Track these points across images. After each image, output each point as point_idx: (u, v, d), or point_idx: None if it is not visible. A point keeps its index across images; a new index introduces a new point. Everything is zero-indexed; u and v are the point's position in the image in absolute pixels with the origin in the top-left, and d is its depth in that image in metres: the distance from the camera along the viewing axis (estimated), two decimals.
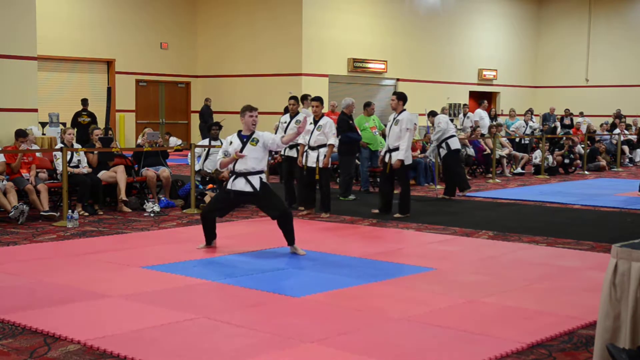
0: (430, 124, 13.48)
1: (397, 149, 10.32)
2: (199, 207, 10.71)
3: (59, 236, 8.72)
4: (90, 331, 4.95)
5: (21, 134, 10.46)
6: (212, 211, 8.04)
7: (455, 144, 12.81)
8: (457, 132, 13.37)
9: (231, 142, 7.97)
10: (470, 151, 16.46)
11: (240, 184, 7.85)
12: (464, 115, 22.09)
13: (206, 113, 22.40)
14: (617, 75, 29.75)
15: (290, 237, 7.77)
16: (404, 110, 10.53)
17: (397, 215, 10.44)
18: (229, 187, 7.96)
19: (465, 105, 23.95)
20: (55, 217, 9.67)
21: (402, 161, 10.28)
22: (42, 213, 9.78)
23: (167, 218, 10.22)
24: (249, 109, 7.98)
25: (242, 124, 8.00)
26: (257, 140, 7.92)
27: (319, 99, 10.71)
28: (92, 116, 18.96)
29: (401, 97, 10.69)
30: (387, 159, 10.48)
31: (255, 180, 7.83)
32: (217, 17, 24.98)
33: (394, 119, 10.50)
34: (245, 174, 7.83)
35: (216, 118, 22.10)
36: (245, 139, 7.93)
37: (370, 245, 8.34)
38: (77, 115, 18.86)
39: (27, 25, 16.16)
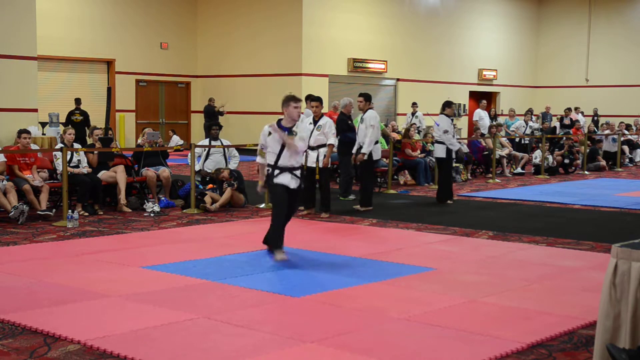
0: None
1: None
2: (199, 207, 10.72)
3: (58, 236, 8.72)
4: (90, 331, 4.96)
5: (24, 131, 10.44)
6: (283, 211, 7.53)
7: (436, 152, 12.34)
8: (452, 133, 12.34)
9: (270, 134, 7.47)
10: (465, 148, 16.34)
11: (286, 179, 7.46)
12: (412, 114, 21.03)
13: (210, 112, 22.40)
14: (617, 75, 29.76)
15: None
16: (370, 108, 11.15)
17: (357, 207, 10.93)
18: (276, 181, 7.47)
19: (414, 104, 22.04)
20: (51, 217, 9.66)
21: (365, 155, 10.80)
22: (39, 212, 9.77)
23: (167, 218, 10.22)
24: (293, 99, 7.49)
25: (285, 115, 7.53)
26: (296, 133, 7.45)
27: (318, 100, 10.72)
28: (84, 114, 19.39)
29: (367, 98, 11.28)
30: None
31: (299, 174, 7.54)
32: (217, 17, 24.99)
33: (361, 118, 11.10)
34: (290, 169, 7.48)
35: (221, 118, 22.11)
36: (287, 131, 7.42)
37: (370, 245, 8.34)
38: (71, 114, 19.38)
39: (27, 25, 16.18)
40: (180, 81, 25.44)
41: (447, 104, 12.44)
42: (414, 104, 21.56)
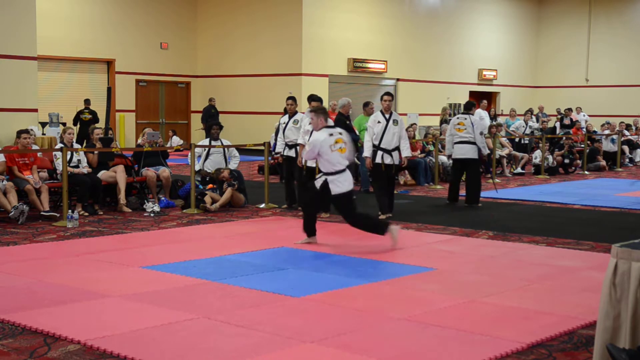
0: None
1: (396, 149, 10.33)
2: (199, 207, 10.72)
3: (59, 236, 8.72)
4: (90, 331, 4.96)
5: (24, 131, 10.43)
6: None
7: (466, 152, 11.79)
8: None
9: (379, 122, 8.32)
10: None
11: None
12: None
13: (207, 114, 22.39)
14: (617, 75, 29.75)
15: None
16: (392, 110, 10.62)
17: (389, 215, 10.53)
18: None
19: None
20: (56, 218, 9.66)
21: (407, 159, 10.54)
22: (42, 213, 9.77)
23: (167, 218, 10.22)
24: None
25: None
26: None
27: (319, 100, 10.71)
28: (93, 113, 19.88)
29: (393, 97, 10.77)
30: (388, 160, 10.30)
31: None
32: (217, 17, 24.99)
33: (390, 119, 10.32)
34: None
35: (221, 118, 22.10)
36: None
37: (371, 245, 8.34)
38: (80, 112, 19.93)
39: (27, 25, 16.18)
40: (180, 81, 25.44)
41: (471, 104, 12.21)
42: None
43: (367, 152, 10.39)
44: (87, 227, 9.37)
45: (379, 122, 10.33)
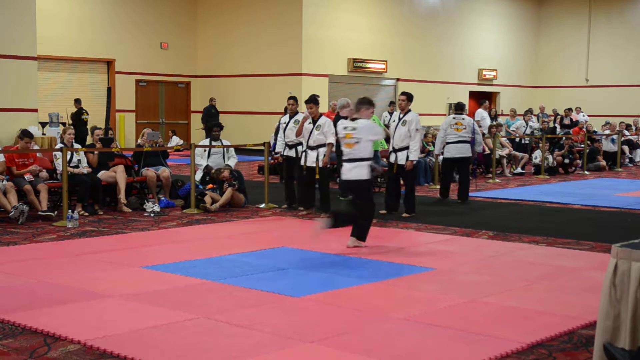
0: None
1: (404, 148, 10.32)
2: (199, 207, 10.72)
3: (58, 236, 8.72)
4: (90, 331, 4.96)
5: (27, 134, 10.39)
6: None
7: (465, 151, 12.26)
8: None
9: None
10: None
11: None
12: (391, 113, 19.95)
13: (207, 114, 22.35)
14: (617, 75, 29.75)
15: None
16: (410, 110, 10.49)
17: (405, 214, 10.47)
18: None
19: (392, 103, 20.64)
20: (53, 217, 9.66)
21: (414, 161, 10.31)
22: (40, 213, 9.77)
23: (167, 218, 10.22)
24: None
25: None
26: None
27: (313, 101, 10.71)
28: (87, 113, 19.62)
29: (411, 98, 10.59)
30: (392, 159, 10.46)
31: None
32: (217, 17, 24.99)
33: (401, 119, 10.41)
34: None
35: (221, 118, 22.11)
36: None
37: (371, 245, 8.34)
38: (79, 113, 19.40)
39: (27, 25, 16.19)
40: (180, 81, 25.44)
41: (461, 106, 12.63)
42: (392, 103, 20.75)
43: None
44: (87, 227, 9.37)
45: (394, 121, 10.65)
